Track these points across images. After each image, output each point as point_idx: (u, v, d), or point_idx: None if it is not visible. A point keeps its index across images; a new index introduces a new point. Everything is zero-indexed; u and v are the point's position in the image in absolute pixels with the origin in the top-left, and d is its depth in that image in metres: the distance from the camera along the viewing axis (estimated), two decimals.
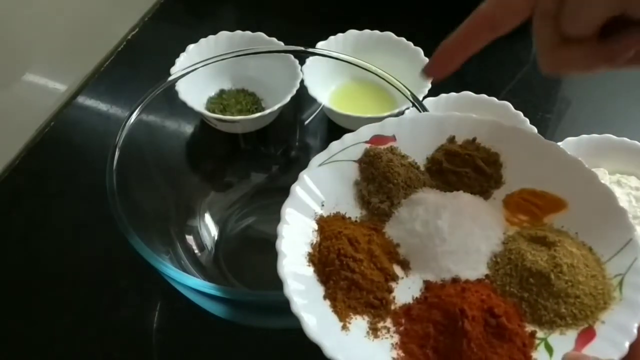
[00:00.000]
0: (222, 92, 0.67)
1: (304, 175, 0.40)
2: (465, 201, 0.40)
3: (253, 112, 0.64)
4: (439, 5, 0.79)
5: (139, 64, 0.75)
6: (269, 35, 0.69)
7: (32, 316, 0.54)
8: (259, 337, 0.53)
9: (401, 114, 0.59)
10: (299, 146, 0.64)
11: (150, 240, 0.47)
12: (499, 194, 0.41)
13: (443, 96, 0.63)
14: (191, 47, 0.68)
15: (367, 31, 0.71)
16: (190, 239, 0.56)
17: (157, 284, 0.50)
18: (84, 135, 0.69)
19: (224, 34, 0.70)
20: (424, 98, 0.63)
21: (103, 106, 0.71)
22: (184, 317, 0.54)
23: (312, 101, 0.62)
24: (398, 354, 0.35)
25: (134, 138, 0.51)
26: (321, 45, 0.68)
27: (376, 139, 0.42)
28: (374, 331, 0.35)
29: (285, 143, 0.64)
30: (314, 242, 0.38)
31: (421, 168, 0.43)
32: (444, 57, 0.39)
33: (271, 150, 0.65)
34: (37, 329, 0.54)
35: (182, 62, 0.66)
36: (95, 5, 0.74)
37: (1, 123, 0.64)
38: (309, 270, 0.37)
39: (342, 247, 0.37)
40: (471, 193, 0.41)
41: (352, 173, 0.42)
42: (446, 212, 0.39)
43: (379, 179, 0.41)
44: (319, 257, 0.37)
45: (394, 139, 0.43)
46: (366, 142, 0.42)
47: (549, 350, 0.34)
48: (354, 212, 0.41)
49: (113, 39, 0.77)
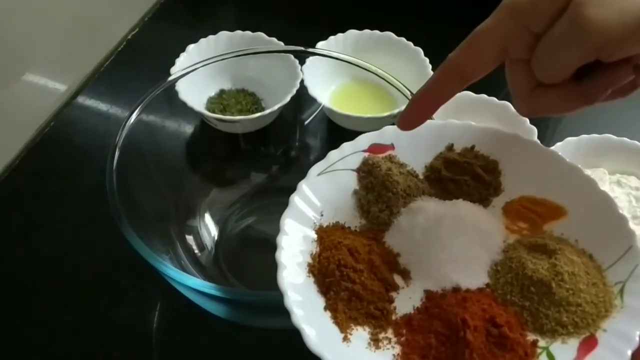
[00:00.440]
0: (222, 92, 0.67)
1: (303, 185, 0.40)
2: (464, 209, 0.40)
3: (253, 112, 0.64)
4: (439, 5, 0.79)
5: (139, 64, 0.75)
6: (269, 35, 0.69)
7: (32, 316, 0.54)
8: (259, 337, 0.52)
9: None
10: (299, 146, 0.64)
11: (150, 240, 0.47)
12: (498, 202, 0.41)
13: None
14: (191, 47, 0.68)
15: (367, 31, 0.71)
16: (190, 239, 0.56)
17: (157, 284, 0.50)
18: (84, 135, 0.69)
19: (224, 34, 0.70)
20: None
21: (103, 106, 0.71)
22: (184, 317, 0.54)
23: (312, 101, 0.62)
24: None
25: (134, 138, 0.51)
26: (321, 45, 0.68)
27: (375, 148, 0.42)
28: (375, 342, 0.35)
29: (285, 143, 0.64)
30: (314, 252, 0.38)
31: (420, 176, 0.42)
32: (415, 109, 0.38)
33: (271, 150, 0.65)
34: (37, 329, 0.54)
35: (182, 62, 0.66)
36: (95, 5, 0.74)
37: (1, 123, 0.64)
38: (309, 282, 0.37)
39: (342, 258, 0.37)
40: (470, 201, 0.41)
41: (351, 182, 0.42)
42: (446, 220, 0.38)
43: (378, 187, 0.41)
44: (319, 268, 0.37)
45: (392, 147, 0.42)
46: (364, 151, 0.42)
47: (551, 359, 0.34)
48: (353, 221, 0.40)
49: (113, 39, 0.77)
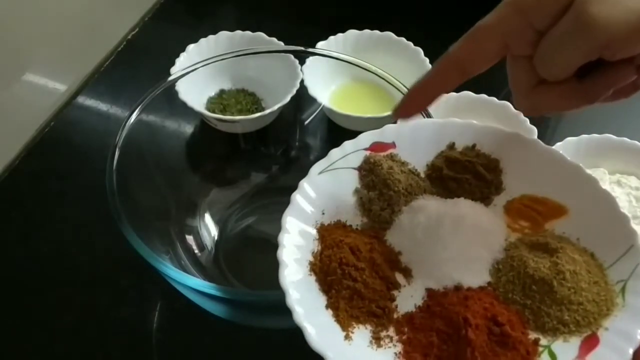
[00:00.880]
0: (222, 92, 0.67)
1: (304, 184, 0.39)
2: (466, 208, 0.40)
3: (253, 112, 0.64)
4: (439, 5, 0.79)
5: (139, 64, 0.75)
6: (269, 35, 0.69)
7: (32, 316, 0.54)
8: (259, 337, 0.52)
9: None
10: (299, 146, 0.64)
11: (150, 240, 0.47)
12: (499, 201, 0.41)
13: (443, 96, 0.63)
14: (191, 47, 0.68)
15: (367, 31, 0.71)
16: (190, 239, 0.56)
17: (157, 284, 0.50)
18: (84, 135, 0.69)
19: (224, 34, 0.70)
20: None
21: (103, 106, 0.71)
22: (184, 317, 0.54)
23: (312, 101, 0.62)
24: None
25: (134, 138, 0.51)
26: (321, 45, 0.68)
27: (376, 146, 0.42)
28: (376, 340, 0.35)
29: (285, 143, 0.64)
30: (315, 251, 0.38)
31: (421, 175, 0.42)
32: (413, 101, 0.38)
33: (271, 150, 0.65)
34: (37, 329, 0.54)
35: (182, 62, 0.66)
36: (95, 5, 0.74)
37: (1, 123, 0.64)
38: (311, 280, 0.36)
39: (344, 256, 0.37)
40: (472, 199, 0.41)
41: (352, 181, 0.41)
42: (447, 219, 0.38)
43: (379, 186, 0.41)
44: (320, 266, 0.37)
45: (394, 145, 0.42)
46: (366, 149, 0.42)
47: (553, 357, 0.34)
48: (354, 220, 0.40)
49: (113, 39, 0.77)
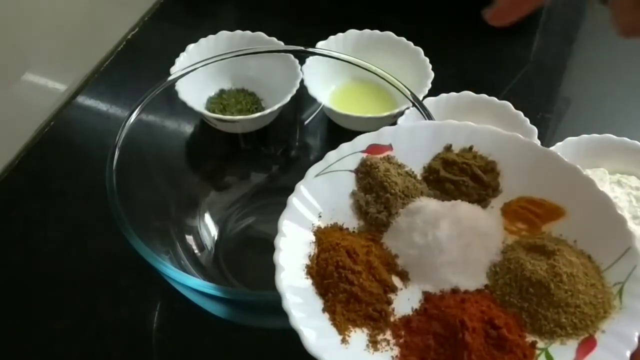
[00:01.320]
0: (222, 92, 0.67)
1: (301, 186, 0.40)
2: (463, 210, 0.40)
3: (253, 112, 0.64)
4: (439, 5, 0.79)
5: (139, 64, 0.75)
6: (269, 35, 0.69)
7: (32, 316, 0.54)
8: (259, 337, 0.52)
9: (401, 114, 0.59)
10: (299, 146, 0.64)
11: (150, 240, 0.47)
12: (496, 203, 0.41)
13: (443, 96, 0.63)
14: (191, 47, 0.68)
15: (367, 31, 0.71)
16: (190, 239, 0.56)
17: (157, 284, 0.50)
18: (84, 135, 0.69)
19: (224, 33, 0.70)
20: (424, 98, 0.63)
21: (103, 106, 0.71)
22: (184, 317, 0.54)
23: (312, 101, 0.62)
24: None
25: (134, 138, 0.51)
26: (321, 45, 0.68)
27: (373, 148, 0.42)
28: (373, 344, 0.35)
29: (285, 143, 0.64)
30: (312, 254, 0.38)
31: (418, 177, 0.42)
32: (511, 2, 0.37)
33: (271, 150, 0.65)
34: (37, 329, 0.54)
35: (182, 62, 0.66)
36: (95, 5, 0.74)
37: (1, 123, 0.64)
38: (307, 283, 0.36)
39: (341, 259, 0.37)
40: (469, 202, 0.41)
41: (349, 183, 0.41)
42: (444, 222, 0.38)
43: (376, 188, 0.41)
44: (317, 270, 0.37)
45: (390, 148, 0.42)
46: (363, 152, 0.42)
47: None
48: (351, 222, 0.40)
49: (113, 39, 0.77)
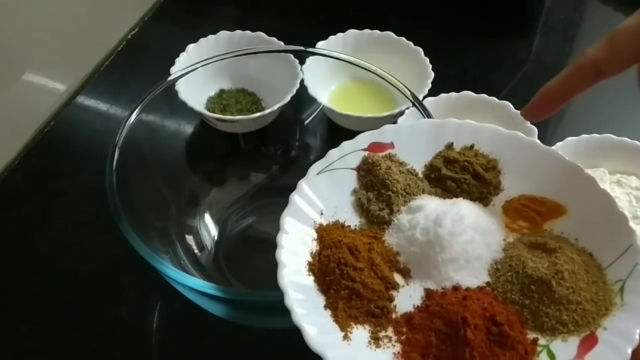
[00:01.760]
0: (222, 92, 0.67)
1: (303, 184, 0.40)
2: (464, 208, 0.40)
3: (253, 112, 0.64)
4: (439, 5, 0.79)
5: (139, 64, 0.75)
6: (269, 35, 0.69)
7: (32, 316, 0.54)
8: (259, 337, 0.52)
9: (401, 114, 0.59)
10: (299, 146, 0.64)
11: (150, 240, 0.47)
12: (498, 201, 0.41)
13: (443, 96, 0.63)
14: (191, 47, 0.68)
15: (367, 31, 0.71)
16: (190, 239, 0.56)
17: (157, 284, 0.50)
18: (84, 135, 0.69)
19: (224, 33, 0.70)
20: (424, 98, 0.63)
21: (103, 106, 0.71)
22: (184, 317, 0.54)
23: (312, 101, 0.62)
24: None
25: (134, 138, 0.51)
26: (321, 45, 0.68)
27: (374, 146, 0.42)
28: (375, 341, 0.35)
29: (285, 143, 0.64)
30: (314, 251, 0.38)
31: (420, 175, 0.42)
32: (546, 100, 0.38)
33: (271, 150, 0.65)
34: (37, 329, 0.54)
35: (182, 62, 0.66)
36: (95, 5, 0.74)
37: (1, 123, 0.64)
38: (309, 280, 0.37)
39: (342, 256, 0.37)
40: (470, 200, 0.41)
41: (350, 181, 0.42)
42: (446, 219, 0.38)
43: (377, 186, 0.41)
44: (319, 267, 0.37)
45: (392, 146, 0.42)
46: (364, 150, 0.42)
47: (551, 357, 0.34)
48: (353, 220, 0.40)
49: (113, 39, 0.77)
